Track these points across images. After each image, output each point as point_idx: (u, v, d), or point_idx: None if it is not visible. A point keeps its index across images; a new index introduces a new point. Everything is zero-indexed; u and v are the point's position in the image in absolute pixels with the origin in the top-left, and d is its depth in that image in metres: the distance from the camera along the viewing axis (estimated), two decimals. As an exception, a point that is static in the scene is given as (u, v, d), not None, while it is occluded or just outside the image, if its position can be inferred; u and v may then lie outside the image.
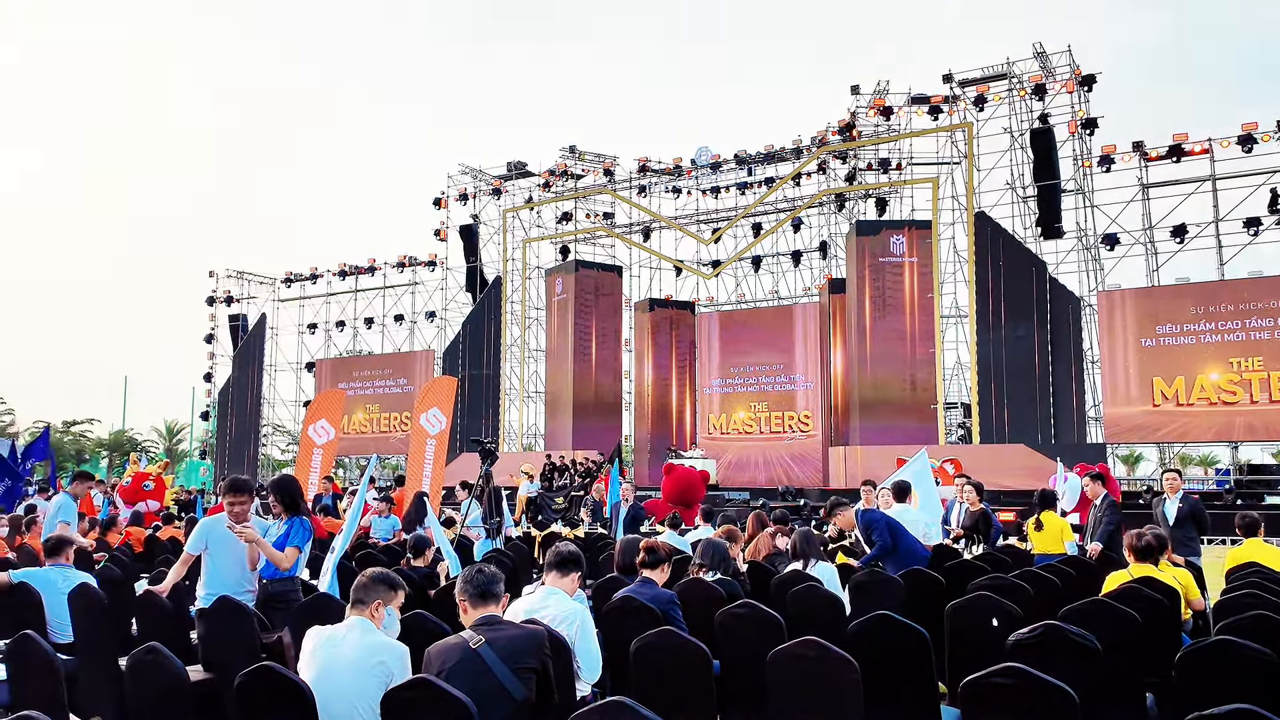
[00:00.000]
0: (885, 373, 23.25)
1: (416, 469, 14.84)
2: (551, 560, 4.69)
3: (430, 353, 31.66)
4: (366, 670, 3.55)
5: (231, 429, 35.13)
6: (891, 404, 23.11)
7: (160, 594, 5.93)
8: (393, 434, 30.80)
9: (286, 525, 5.88)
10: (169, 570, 6.86)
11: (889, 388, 23.20)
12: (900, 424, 22.50)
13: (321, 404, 18.04)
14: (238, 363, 35.39)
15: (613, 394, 28.86)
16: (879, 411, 23.18)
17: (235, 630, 4.89)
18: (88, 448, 46.05)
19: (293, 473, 17.31)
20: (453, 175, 30.72)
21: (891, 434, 22.24)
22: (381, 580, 3.84)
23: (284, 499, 6.02)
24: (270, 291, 35.55)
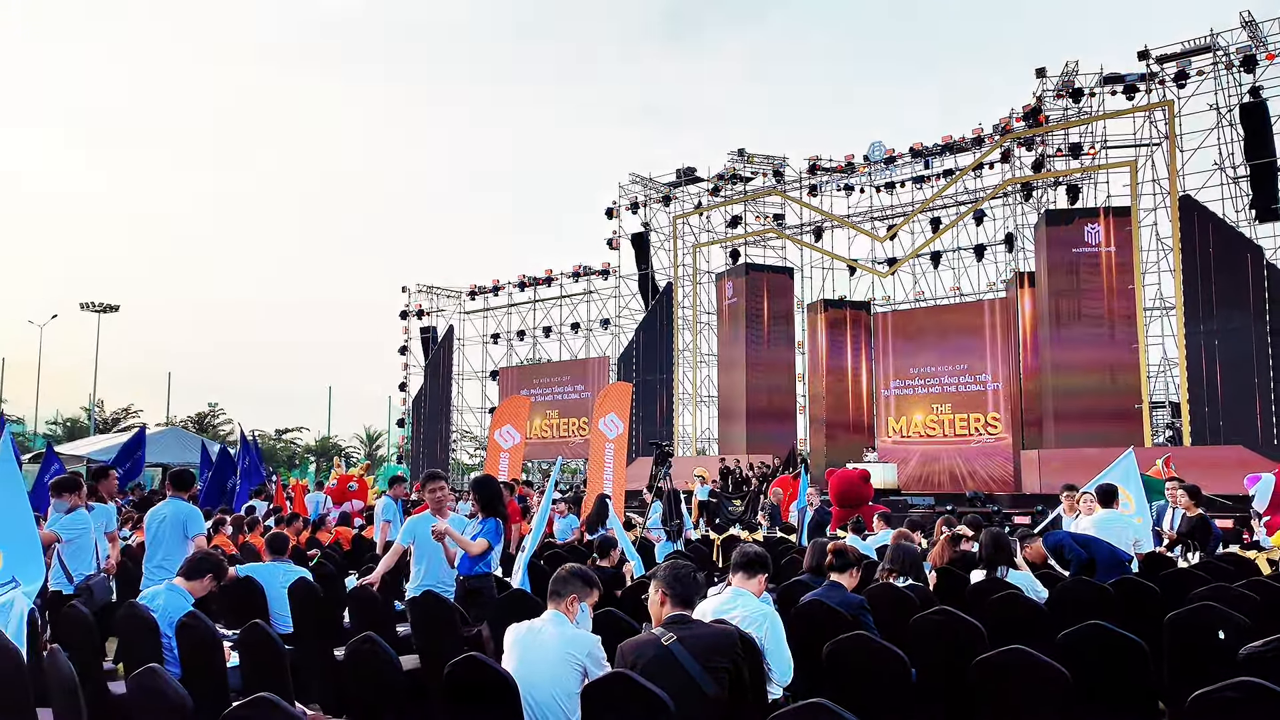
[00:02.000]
0: (1082, 371, 21.84)
1: (597, 472, 15.16)
2: (738, 561, 4.66)
3: (605, 359, 32.35)
4: (563, 662, 3.65)
5: (424, 435, 37.09)
6: (1089, 404, 21.66)
7: (371, 584, 6.32)
8: (571, 439, 31.65)
9: (481, 525, 6.15)
10: (376, 565, 7.29)
11: (1086, 387, 21.77)
12: (1099, 425, 21.06)
13: (506, 410, 18.76)
14: (429, 372, 37.34)
15: (786, 397, 28.51)
16: (1075, 412, 21.79)
17: (440, 623, 5.14)
18: (298, 453, 49.78)
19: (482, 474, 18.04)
20: (624, 185, 31.28)
21: (1089, 436, 20.86)
22: (578, 576, 3.94)
23: (481, 498, 6.29)
24: (457, 304, 37.35)
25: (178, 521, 6.90)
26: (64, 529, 6.81)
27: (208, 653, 4.43)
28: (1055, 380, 22.31)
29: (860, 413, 27.49)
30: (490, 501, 6.23)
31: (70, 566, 6.86)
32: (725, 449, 27.91)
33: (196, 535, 6.89)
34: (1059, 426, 22.11)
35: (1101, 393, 21.58)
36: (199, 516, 7.15)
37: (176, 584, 5.19)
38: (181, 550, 6.66)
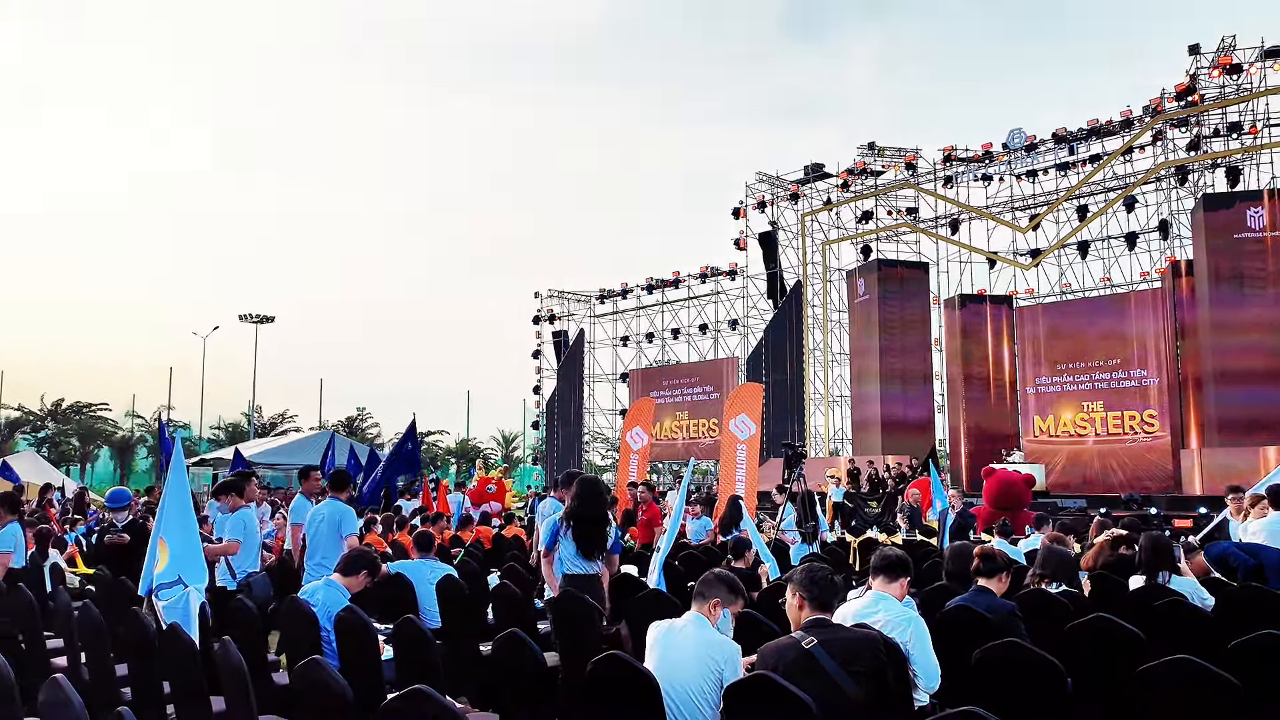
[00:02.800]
0: (1247, 364, 20.33)
1: (729, 473, 15.14)
2: (879, 564, 4.56)
3: (734, 360, 32.22)
4: (701, 663, 3.66)
5: (558, 437, 37.85)
6: (1254, 400, 20.15)
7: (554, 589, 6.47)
8: (701, 440, 31.65)
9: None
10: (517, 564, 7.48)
11: (1252, 381, 20.27)
12: (1266, 422, 19.58)
13: (636, 412, 18.98)
14: (561, 376, 38.08)
15: (923, 397, 27.67)
16: (1239, 409, 20.30)
17: (580, 621, 5.23)
18: (439, 455, 51.60)
19: (614, 477, 18.30)
20: (750, 184, 31.09)
21: (1256, 433, 19.43)
22: (724, 581, 3.94)
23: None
24: (587, 309, 37.95)
25: (334, 521, 7.25)
26: (231, 530, 7.28)
27: (364, 646, 4.64)
28: (1217, 374, 20.87)
29: (1003, 411, 26.39)
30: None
31: (234, 564, 7.33)
32: (859, 450, 27.34)
33: (349, 535, 7.22)
34: (1222, 424, 20.67)
35: (1268, 388, 20.05)
36: (353, 516, 7.48)
37: (334, 580, 5.46)
38: (338, 549, 7.01)
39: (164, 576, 5.84)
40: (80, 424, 43.72)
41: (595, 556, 6.16)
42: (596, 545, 6.13)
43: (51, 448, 41.23)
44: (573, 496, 6.34)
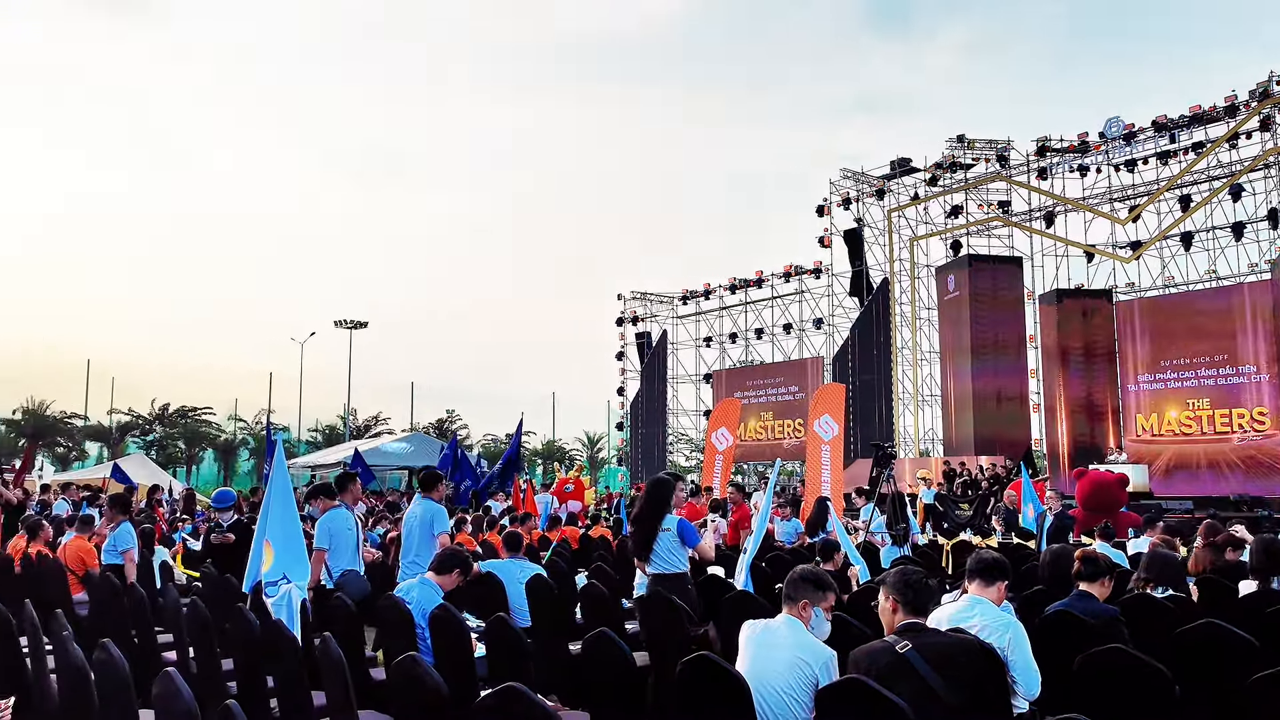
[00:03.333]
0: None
1: (815, 474, 14.97)
2: (975, 567, 4.44)
3: (819, 360, 31.83)
4: (794, 667, 3.62)
5: (642, 438, 37.98)
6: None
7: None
8: (786, 440, 31.37)
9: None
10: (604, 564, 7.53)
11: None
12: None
13: (720, 413, 18.92)
14: (644, 377, 38.21)
15: (1018, 395, 26.88)
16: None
17: (668, 621, 5.24)
18: (525, 456, 52.34)
19: (699, 479, 18.27)
20: (834, 181, 30.68)
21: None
22: (809, 580, 3.90)
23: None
24: (669, 310, 38.00)
25: (425, 520, 7.43)
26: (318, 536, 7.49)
27: (458, 643, 4.73)
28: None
29: (1103, 410, 25.42)
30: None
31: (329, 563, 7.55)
32: (951, 450, 26.72)
33: (440, 533, 7.38)
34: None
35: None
36: (444, 515, 7.65)
37: (428, 578, 5.59)
38: (430, 547, 7.18)
39: (268, 574, 6.07)
40: (186, 427, 45.67)
41: (644, 556, 6.32)
42: (639, 545, 6.32)
43: (159, 450, 43.19)
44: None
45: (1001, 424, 26.05)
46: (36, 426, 41.21)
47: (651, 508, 6.43)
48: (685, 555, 6.43)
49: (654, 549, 6.33)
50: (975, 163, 27.81)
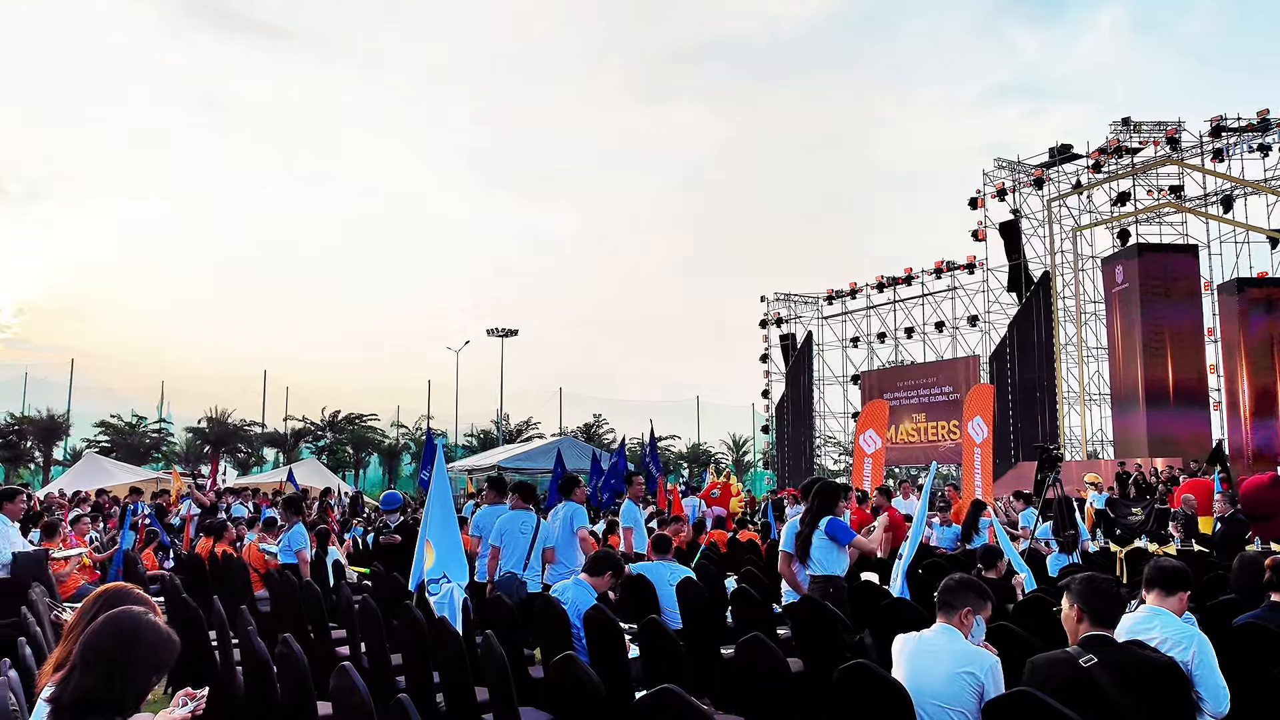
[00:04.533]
0: None
1: (969, 478, 14.45)
2: (1154, 576, 4.17)
3: (975, 358, 30.62)
4: (956, 678, 3.49)
5: (788, 441, 37.53)
6: None
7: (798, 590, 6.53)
8: (941, 442, 30.31)
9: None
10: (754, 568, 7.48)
11: None
12: None
13: (868, 415, 18.47)
14: (789, 379, 37.76)
15: (1195, 392, 25.03)
16: None
17: (822, 627, 5.14)
18: (671, 460, 52.60)
19: (848, 481, 17.91)
20: (988, 171, 29.49)
21: None
22: (970, 587, 3.75)
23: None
24: (814, 310, 37.43)
25: (567, 519, 7.62)
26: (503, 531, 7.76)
27: (612, 643, 4.79)
28: None
29: (1294, 407, 23.38)
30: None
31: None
32: (1122, 452, 25.16)
33: (581, 527, 7.56)
34: None
35: None
36: (583, 512, 7.85)
37: (582, 579, 5.69)
38: (573, 546, 7.34)
39: (430, 573, 6.33)
40: (353, 433, 48.21)
41: (802, 559, 6.33)
42: (800, 547, 6.32)
43: (329, 455, 45.74)
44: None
45: (1178, 423, 24.31)
46: (219, 434, 44.44)
47: (813, 513, 6.38)
48: (841, 558, 6.32)
49: (810, 551, 6.30)
50: (1143, 146, 26.14)
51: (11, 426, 41.76)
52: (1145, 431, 24.39)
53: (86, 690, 2.34)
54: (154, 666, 2.45)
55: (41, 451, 42.73)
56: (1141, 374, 24.74)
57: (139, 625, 2.44)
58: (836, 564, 6.30)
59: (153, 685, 2.51)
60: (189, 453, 44.55)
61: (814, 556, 6.30)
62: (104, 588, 3.07)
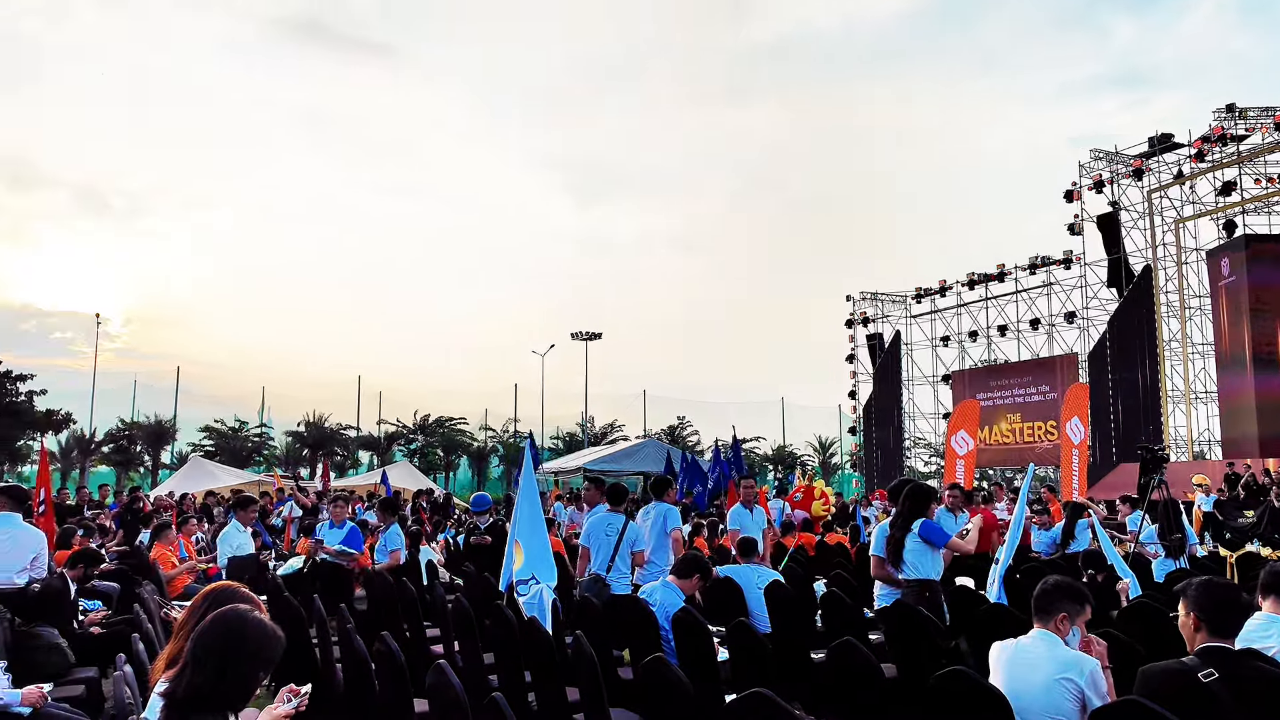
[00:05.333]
0: None
1: (1067, 479, 13.97)
2: (1270, 582, 3.96)
3: (1073, 356, 29.62)
4: (1055, 685, 3.39)
5: (876, 442, 36.89)
6: None
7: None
8: (1038, 444, 29.39)
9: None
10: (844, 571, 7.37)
11: None
12: None
13: (960, 415, 18.01)
14: (877, 380, 37.11)
15: (1313, 389, 23.75)
16: None
17: (917, 632, 5.04)
18: (755, 462, 52.25)
19: (938, 484, 17.52)
20: (1084, 163, 28.49)
21: None
22: (1066, 591, 3.62)
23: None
24: (902, 309, 36.72)
25: (659, 520, 7.63)
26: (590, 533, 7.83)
27: (701, 646, 4.78)
28: None
29: None
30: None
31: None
32: (1230, 452, 24.01)
33: (674, 529, 7.55)
34: None
35: None
36: (676, 514, 7.85)
37: (670, 581, 5.70)
38: (664, 547, 7.34)
39: (519, 573, 6.42)
40: (443, 436, 49.26)
41: (895, 563, 6.20)
42: (893, 551, 6.21)
43: (421, 458, 46.80)
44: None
45: (1292, 422, 23.12)
46: (317, 438, 45.92)
47: (904, 516, 6.27)
48: (935, 561, 6.18)
49: (903, 555, 6.18)
50: (1249, 133, 24.92)
51: (122, 431, 43.88)
52: (1256, 431, 23.23)
53: (198, 685, 2.43)
54: (261, 662, 2.54)
55: (150, 455, 44.80)
56: (1251, 371, 23.58)
57: (246, 623, 2.53)
58: (931, 567, 6.16)
59: (260, 681, 2.60)
60: (288, 456, 46.14)
61: (907, 560, 6.17)
62: (212, 586, 3.19)
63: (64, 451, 42.42)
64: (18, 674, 4.99)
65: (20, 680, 4.79)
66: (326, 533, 9.12)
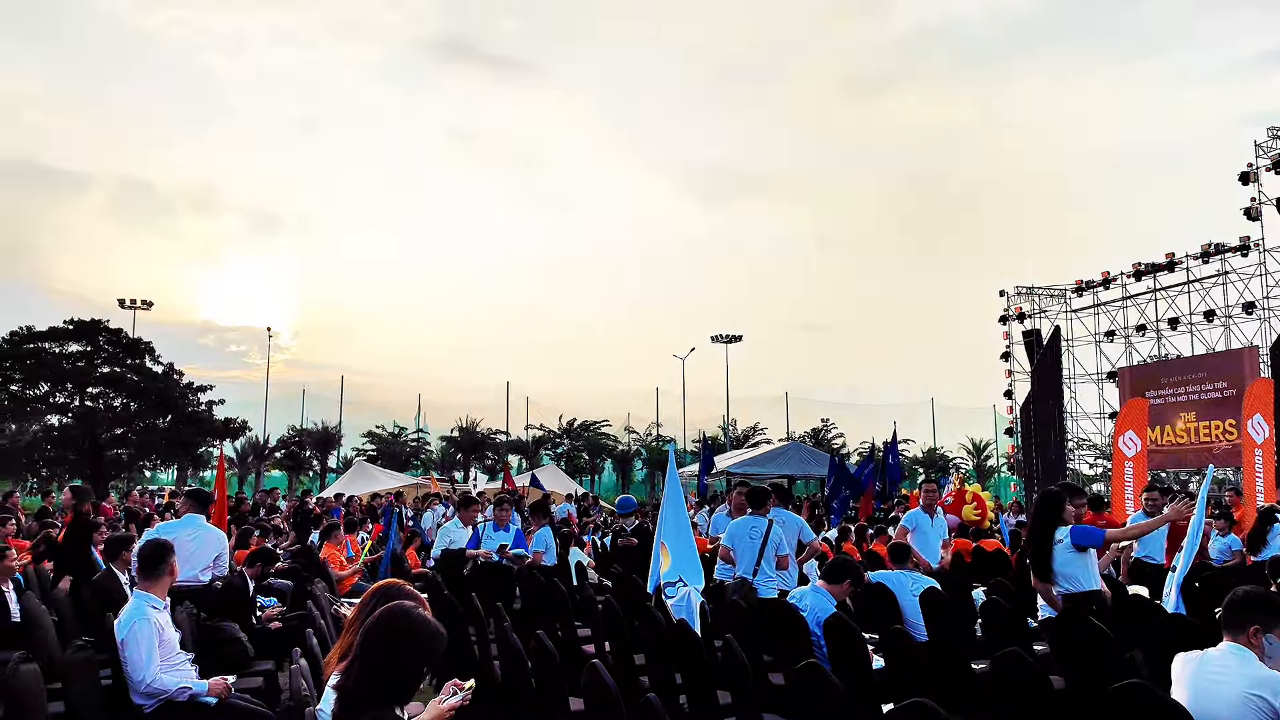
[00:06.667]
0: None
1: (1250, 482, 12.99)
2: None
3: (1253, 350, 27.39)
4: (1245, 701, 3.14)
5: (1035, 444, 35.16)
6: None
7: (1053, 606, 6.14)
8: (1216, 444, 27.32)
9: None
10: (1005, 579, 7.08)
11: None
12: None
13: (1127, 415, 17.03)
14: (1035, 378, 35.38)
15: None
16: None
17: (1088, 644, 4.78)
18: (905, 465, 50.82)
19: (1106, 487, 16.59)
20: (1261, 143, 26.34)
21: None
22: (1258, 601, 3.35)
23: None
24: (1061, 303, 34.90)
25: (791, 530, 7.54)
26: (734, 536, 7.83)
27: (855, 653, 4.68)
28: None
29: None
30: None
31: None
32: None
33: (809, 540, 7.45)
34: None
35: None
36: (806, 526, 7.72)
37: (820, 586, 5.60)
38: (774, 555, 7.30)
39: (667, 575, 6.46)
40: (588, 440, 50.18)
41: (1044, 575, 5.71)
42: (1036, 564, 5.77)
43: (567, 461, 47.82)
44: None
45: None
46: (469, 442, 47.62)
47: (1039, 528, 5.87)
48: (1089, 570, 5.74)
49: (1053, 567, 5.75)
50: None
51: (292, 438, 46.78)
52: None
53: (367, 678, 2.55)
54: (426, 658, 2.64)
55: (318, 460, 47.56)
56: None
57: (412, 619, 2.63)
58: (1086, 577, 5.68)
59: (424, 675, 2.71)
60: (443, 460, 48.04)
61: (1059, 573, 5.67)
62: (380, 584, 3.35)
63: (240, 457, 45.57)
64: (203, 665, 5.38)
65: (205, 672, 5.15)
66: (493, 535, 9.24)
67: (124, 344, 33.33)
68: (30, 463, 32.00)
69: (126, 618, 4.66)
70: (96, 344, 32.67)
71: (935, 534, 8.23)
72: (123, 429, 32.85)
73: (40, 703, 4.23)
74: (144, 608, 4.71)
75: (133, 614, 4.66)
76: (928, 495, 8.65)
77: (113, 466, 32.96)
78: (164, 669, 4.62)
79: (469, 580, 8.72)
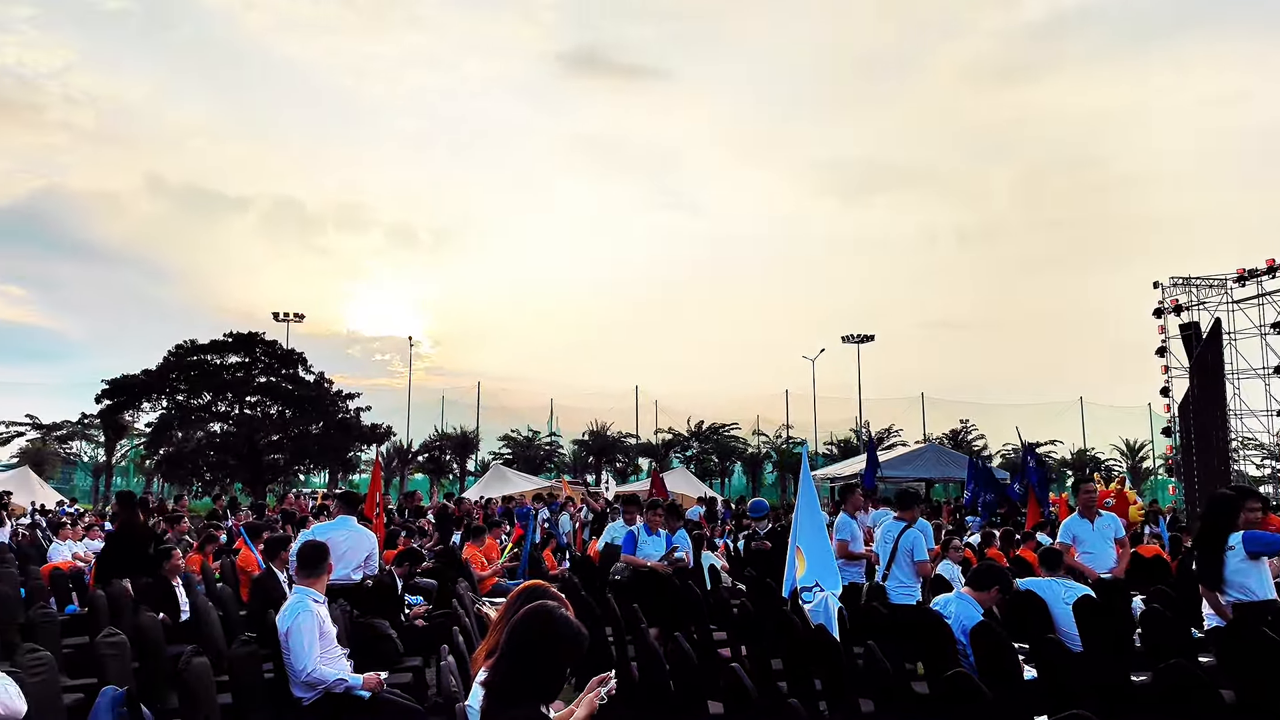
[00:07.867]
0: None
1: None
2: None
3: None
4: None
5: (1195, 444, 32.97)
6: None
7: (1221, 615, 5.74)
8: (1406, 444, 25.00)
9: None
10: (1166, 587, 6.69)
11: None
12: None
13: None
14: (1195, 374, 33.18)
15: None
16: None
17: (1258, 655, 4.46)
18: (1052, 467, 48.54)
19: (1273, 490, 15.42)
20: None
21: None
22: None
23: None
24: (1222, 294, 32.64)
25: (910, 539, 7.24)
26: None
27: (1005, 662, 4.51)
28: None
29: None
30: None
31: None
32: None
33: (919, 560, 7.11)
34: None
35: None
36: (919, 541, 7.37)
37: (965, 593, 5.42)
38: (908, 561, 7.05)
39: (803, 580, 6.39)
40: (717, 443, 50.06)
41: (1213, 584, 5.40)
42: (1205, 572, 5.45)
43: (696, 464, 47.83)
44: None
45: None
46: (600, 446, 48.29)
47: (1209, 534, 5.49)
48: (1264, 578, 5.34)
49: (1224, 574, 5.38)
50: None
51: (433, 443, 48.54)
52: None
53: (515, 676, 2.62)
54: (569, 657, 2.70)
55: (458, 463, 49.18)
56: None
57: (555, 620, 2.69)
58: (1260, 585, 5.31)
59: (565, 673, 2.76)
60: (575, 463, 48.87)
61: (1231, 581, 5.33)
62: (525, 584, 3.44)
63: (385, 461, 47.61)
64: (356, 661, 5.63)
65: (359, 667, 5.40)
66: (647, 538, 9.17)
67: (279, 355, 35.35)
68: (195, 468, 34.28)
69: (290, 609, 4.92)
70: (254, 355, 34.78)
71: (1101, 538, 7.64)
72: (279, 435, 34.83)
73: (211, 694, 4.53)
74: (306, 600, 4.97)
75: (296, 606, 4.92)
76: (1085, 497, 8.02)
77: (270, 470, 34.95)
78: (323, 660, 4.87)
79: (627, 586, 8.60)
